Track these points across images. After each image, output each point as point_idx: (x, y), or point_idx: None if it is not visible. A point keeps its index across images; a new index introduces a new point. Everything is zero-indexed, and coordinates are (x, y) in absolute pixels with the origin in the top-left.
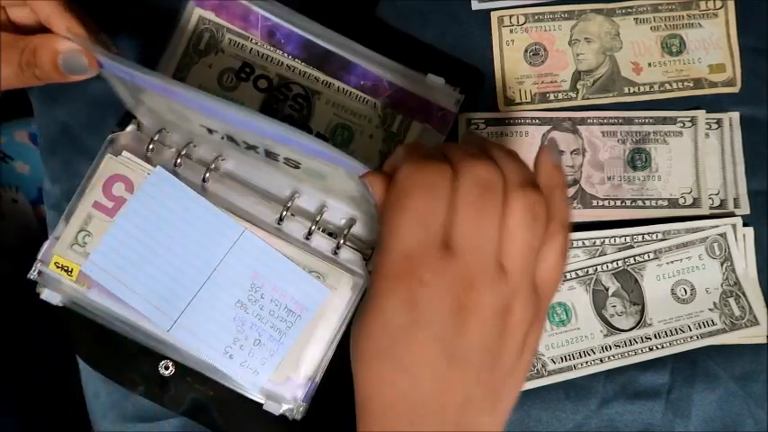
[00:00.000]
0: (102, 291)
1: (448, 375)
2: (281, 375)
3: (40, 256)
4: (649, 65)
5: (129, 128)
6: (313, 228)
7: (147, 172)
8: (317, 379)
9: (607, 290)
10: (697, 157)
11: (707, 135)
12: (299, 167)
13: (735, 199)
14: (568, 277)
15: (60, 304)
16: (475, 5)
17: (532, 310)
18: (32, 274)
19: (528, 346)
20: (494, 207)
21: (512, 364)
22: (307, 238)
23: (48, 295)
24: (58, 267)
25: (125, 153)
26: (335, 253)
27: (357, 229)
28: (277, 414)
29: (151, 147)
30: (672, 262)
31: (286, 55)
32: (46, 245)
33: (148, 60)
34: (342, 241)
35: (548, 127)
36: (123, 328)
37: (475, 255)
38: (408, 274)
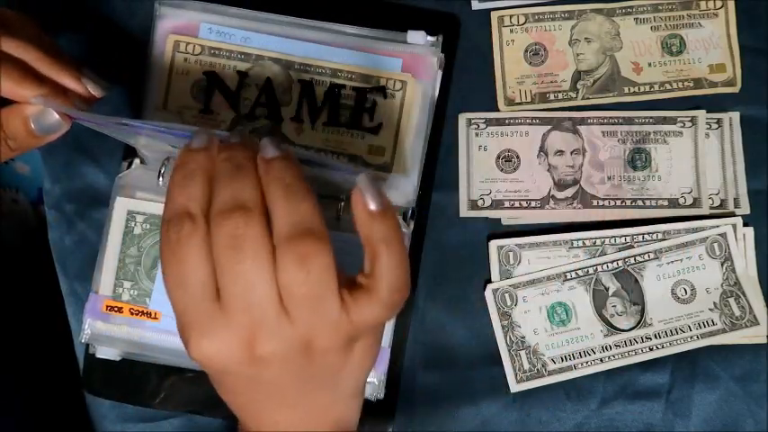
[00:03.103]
0: (157, 330)
1: (264, 391)
2: None
3: (85, 315)
4: (649, 65)
5: (135, 165)
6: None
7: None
8: (389, 344)
9: (607, 290)
10: (697, 157)
11: (707, 135)
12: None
13: (735, 199)
14: (568, 277)
15: (118, 358)
16: (475, 5)
17: (340, 333)
18: (84, 338)
19: (357, 346)
20: (253, 265)
21: (338, 362)
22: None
23: (104, 352)
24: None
25: (138, 193)
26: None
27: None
28: None
29: (161, 180)
30: (672, 262)
31: None
32: (88, 305)
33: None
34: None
35: (548, 127)
36: (184, 363)
37: (248, 313)
38: (190, 343)
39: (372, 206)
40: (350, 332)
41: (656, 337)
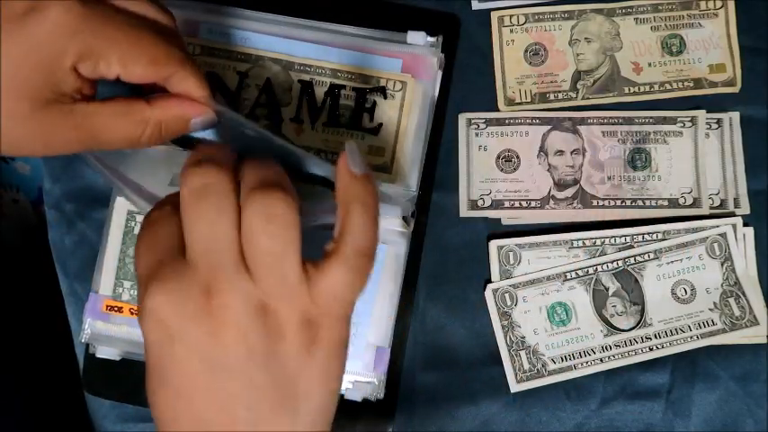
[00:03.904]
0: None
1: (216, 387)
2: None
3: (85, 315)
4: (649, 65)
5: None
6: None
7: None
8: (389, 344)
9: (607, 290)
10: (697, 157)
11: (707, 135)
12: None
13: (735, 199)
14: (568, 277)
15: (118, 358)
16: (475, 5)
17: (299, 306)
18: (84, 337)
19: (321, 341)
20: (217, 209)
21: (297, 363)
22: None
23: (104, 352)
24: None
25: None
26: None
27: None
28: (359, 400)
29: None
30: (672, 262)
31: None
32: (88, 304)
33: None
34: None
35: (548, 127)
36: None
37: (207, 258)
38: (148, 292)
39: (355, 169)
40: (309, 309)
41: (656, 337)
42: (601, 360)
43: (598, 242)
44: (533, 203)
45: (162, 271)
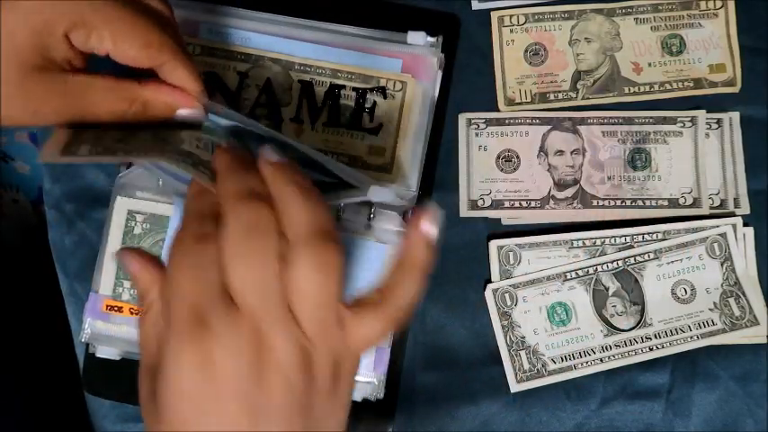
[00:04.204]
0: None
1: None
2: None
3: (85, 315)
4: (649, 65)
5: (135, 165)
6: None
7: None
8: (389, 344)
9: (607, 290)
10: (697, 157)
11: (707, 135)
12: None
13: (735, 199)
14: (568, 277)
15: (118, 358)
16: (475, 5)
17: (332, 349)
18: (84, 337)
19: (343, 377)
20: (265, 251)
21: (325, 403)
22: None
23: (104, 352)
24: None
25: (138, 193)
26: (370, 219)
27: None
28: (359, 400)
29: (161, 181)
30: (672, 262)
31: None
32: (88, 304)
33: None
34: (373, 209)
35: (548, 127)
36: None
37: (257, 302)
38: (198, 337)
39: (432, 237)
40: (340, 351)
41: (656, 337)
42: (601, 360)
43: (598, 242)
44: (533, 203)
45: (213, 316)
